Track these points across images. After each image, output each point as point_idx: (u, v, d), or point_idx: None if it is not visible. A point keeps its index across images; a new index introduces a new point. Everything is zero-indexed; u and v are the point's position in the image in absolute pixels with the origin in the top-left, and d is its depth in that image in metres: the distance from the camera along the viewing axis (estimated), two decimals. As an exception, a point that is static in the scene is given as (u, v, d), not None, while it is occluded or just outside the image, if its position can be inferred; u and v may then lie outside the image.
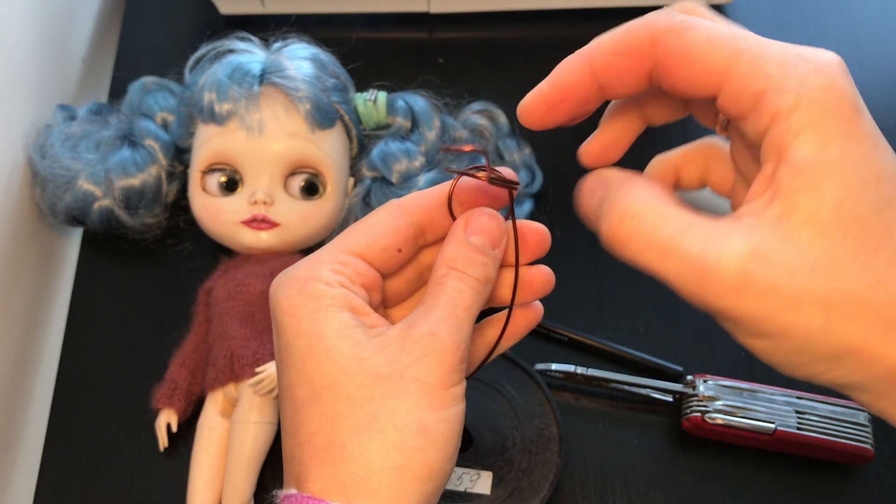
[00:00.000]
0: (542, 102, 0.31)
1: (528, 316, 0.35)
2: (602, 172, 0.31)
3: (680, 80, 0.27)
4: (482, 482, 0.44)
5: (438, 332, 0.29)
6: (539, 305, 0.35)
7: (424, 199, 0.33)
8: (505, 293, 0.34)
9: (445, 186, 0.33)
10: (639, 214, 0.27)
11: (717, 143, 0.33)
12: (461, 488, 0.44)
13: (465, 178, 0.32)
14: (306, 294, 0.30)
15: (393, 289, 0.34)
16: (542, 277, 0.34)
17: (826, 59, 0.25)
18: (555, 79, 0.30)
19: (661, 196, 0.27)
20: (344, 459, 0.28)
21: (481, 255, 0.31)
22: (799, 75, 0.24)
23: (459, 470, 0.45)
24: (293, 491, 0.28)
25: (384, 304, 0.34)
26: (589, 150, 0.34)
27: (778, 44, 0.26)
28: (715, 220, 0.26)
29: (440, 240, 0.33)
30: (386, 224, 0.32)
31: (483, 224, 0.32)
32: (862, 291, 0.24)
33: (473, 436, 0.46)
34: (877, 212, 0.24)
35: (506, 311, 0.34)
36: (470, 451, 0.45)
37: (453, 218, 0.33)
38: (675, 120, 0.34)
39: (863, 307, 0.24)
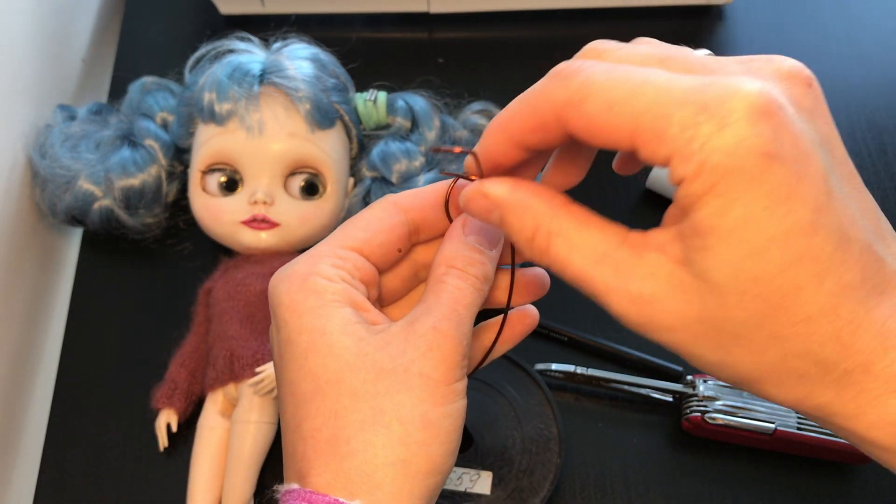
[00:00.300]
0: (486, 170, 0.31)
1: (524, 321, 0.35)
2: (488, 191, 0.29)
3: (598, 144, 0.26)
4: (482, 482, 0.44)
5: (441, 328, 0.29)
6: (534, 310, 0.35)
7: (420, 198, 0.33)
8: (501, 295, 0.34)
9: (441, 186, 0.33)
10: (551, 250, 0.29)
11: None
12: (461, 488, 0.44)
13: (460, 181, 0.32)
14: (307, 289, 0.30)
15: (388, 286, 0.34)
16: (536, 280, 0.34)
17: (736, 106, 0.23)
18: (485, 154, 0.30)
19: (575, 218, 0.28)
20: (348, 454, 0.28)
21: (479, 255, 0.32)
22: (702, 136, 0.23)
23: (459, 470, 0.45)
24: (295, 486, 0.28)
25: (380, 302, 0.34)
26: (547, 182, 0.33)
27: (683, 87, 0.24)
28: (624, 248, 0.28)
29: (435, 238, 0.34)
30: (382, 220, 0.32)
31: (480, 225, 0.32)
32: (755, 344, 0.25)
33: (473, 436, 0.46)
34: (781, 270, 0.24)
35: (501, 315, 0.34)
36: (470, 451, 0.45)
37: (450, 219, 0.33)
38: None
39: (756, 355, 0.25)
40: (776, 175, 0.23)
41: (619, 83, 0.25)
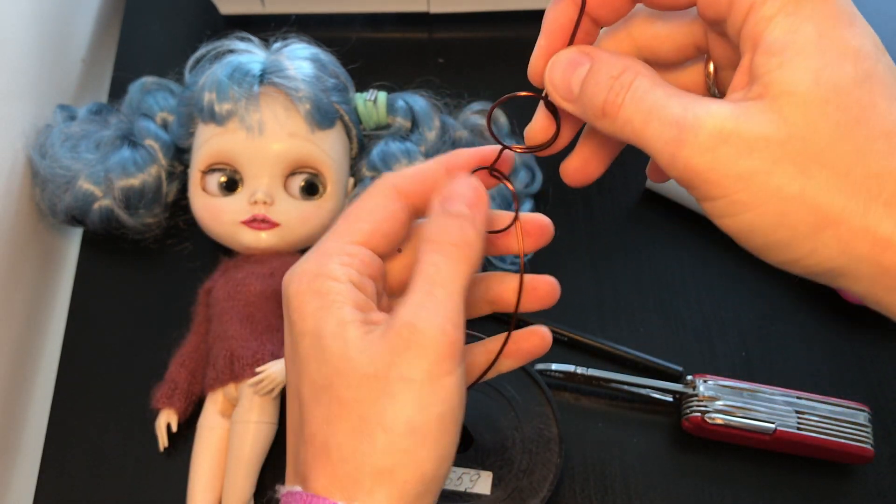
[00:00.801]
0: (543, 51, 0.31)
1: (534, 340, 0.34)
2: (582, 47, 0.29)
3: None
4: (482, 482, 0.44)
5: (416, 322, 0.27)
6: (546, 332, 0.34)
7: (420, 182, 0.32)
8: (510, 297, 0.33)
9: (437, 162, 0.32)
10: (634, 84, 0.27)
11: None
12: (461, 488, 0.44)
13: (458, 153, 0.32)
14: (313, 290, 0.29)
15: (395, 274, 0.34)
16: (546, 286, 0.34)
17: None
18: (548, 25, 0.30)
19: (650, 70, 0.28)
20: (340, 460, 0.28)
21: (456, 219, 0.29)
22: None
23: (459, 470, 0.45)
24: (298, 488, 0.28)
25: (389, 294, 0.34)
26: (568, 166, 0.34)
27: None
28: (701, 94, 0.26)
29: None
30: (385, 209, 0.31)
31: (453, 190, 0.30)
32: (840, 161, 0.24)
33: (473, 436, 0.46)
34: (858, 83, 0.25)
35: (508, 330, 0.33)
36: (470, 451, 0.45)
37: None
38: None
39: (841, 176, 0.24)
40: (841, 3, 0.25)
41: None
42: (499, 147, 0.32)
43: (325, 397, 0.28)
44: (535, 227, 0.34)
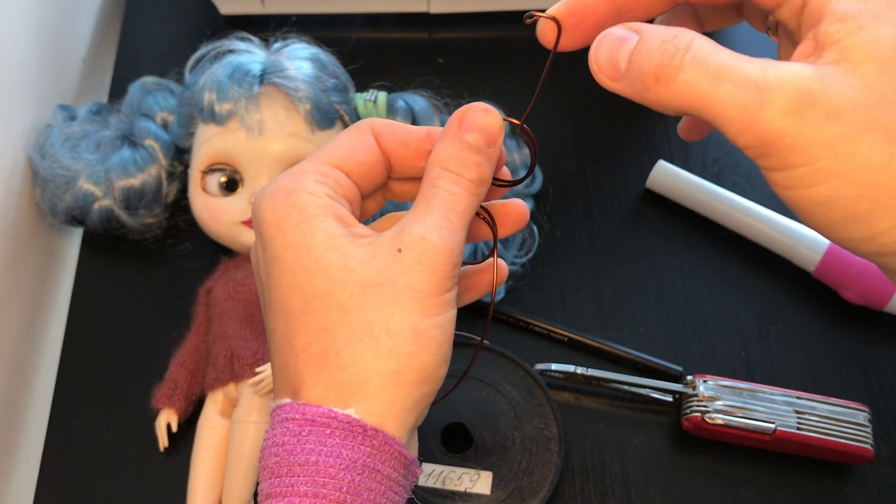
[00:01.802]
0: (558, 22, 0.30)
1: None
2: (627, 24, 0.27)
3: None
4: (482, 482, 0.44)
5: (431, 238, 0.29)
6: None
7: (396, 131, 0.32)
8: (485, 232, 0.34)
9: (421, 128, 0.32)
10: (694, 45, 0.25)
11: None
12: (461, 488, 0.44)
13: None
14: (291, 205, 0.30)
15: (368, 212, 0.34)
16: (517, 209, 0.34)
17: None
18: (571, 4, 0.29)
19: (706, 37, 0.26)
20: (339, 366, 0.28)
21: (475, 155, 0.30)
22: None
23: (459, 470, 0.45)
24: (287, 400, 0.29)
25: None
26: (682, 127, 0.34)
27: None
28: (768, 61, 0.25)
29: (408, 177, 0.33)
30: (360, 141, 0.32)
31: (478, 120, 0.31)
32: None
33: (473, 436, 0.46)
34: None
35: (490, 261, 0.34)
36: (470, 451, 0.45)
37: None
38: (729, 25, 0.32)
39: None
40: None
41: None
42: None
43: (321, 306, 0.29)
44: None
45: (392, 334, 0.28)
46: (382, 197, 0.34)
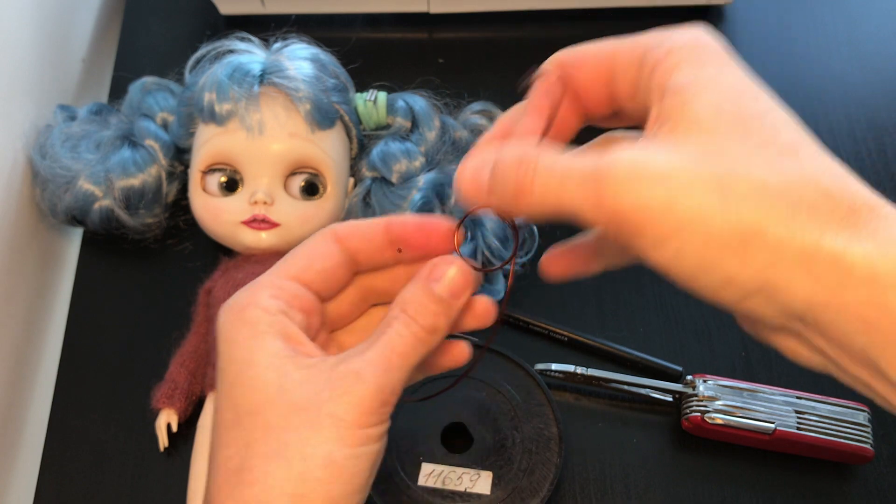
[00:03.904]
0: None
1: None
2: (479, 151, 0.31)
3: (584, 80, 0.31)
4: (482, 482, 0.44)
5: (363, 374, 0.29)
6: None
7: (358, 229, 0.33)
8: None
9: (380, 220, 0.33)
10: (540, 159, 0.28)
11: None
12: (461, 488, 0.44)
13: (404, 217, 0.33)
14: (243, 320, 0.31)
15: (337, 311, 0.35)
16: (481, 306, 0.34)
17: (691, 27, 0.29)
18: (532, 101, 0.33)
19: (551, 147, 0.29)
20: (250, 482, 0.29)
21: (435, 304, 0.31)
22: (669, 35, 0.29)
23: (459, 470, 0.45)
24: None
25: (330, 328, 0.35)
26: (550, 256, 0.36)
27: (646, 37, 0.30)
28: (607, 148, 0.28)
29: (376, 268, 0.34)
30: (321, 247, 0.33)
31: (445, 272, 0.32)
32: (756, 175, 0.25)
33: (473, 436, 0.46)
34: (759, 115, 0.26)
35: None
36: (470, 451, 0.45)
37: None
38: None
39: (759, 189, 0.25)
40: (726, 55, 0.28)
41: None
42: (452, 223, 0.33)
43: (249, 422, 0.29)
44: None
45: (305, 458, 0.28)
46: (357, 294, 0.35)
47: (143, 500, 0.47)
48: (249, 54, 0.51)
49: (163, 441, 0.47)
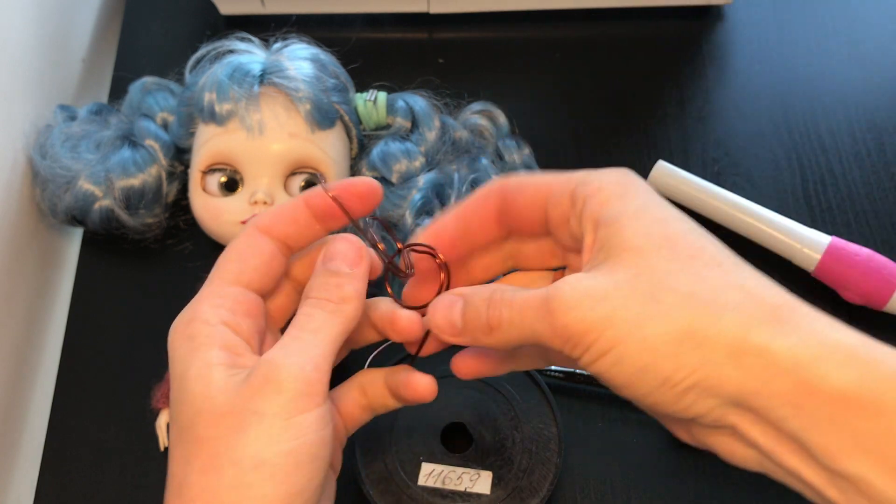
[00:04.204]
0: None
1: (414, 391, 0.36)
2: (450, 291, 0.34)
3: (519, 207, 0.34)
4: (482, 482, 0.44)
5: (275, 359, 0.29)
6: (424, 384, 0.36)
7: (278, 214, 0.34)
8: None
9: (299, 198, 0.34)
10: (504, 296, 0.31)
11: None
12: (461, 488, 0.44)
13: (316, 192, 0.34)
14: (184, 336, 0.31)
15: (277, 306, 0.35)
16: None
17: (616, 169, 0.33)
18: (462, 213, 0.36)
19: (511, 285, 0.33)
20: (189, 499, 0.28)
21: (335, 277, 0.32)
22: (598, 174, 0.32)
23: (459, 469, 0.45)
24: None
25: (275, 327, 0.35)
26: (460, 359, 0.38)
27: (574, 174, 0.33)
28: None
29: (309, 247, 0.35)
30: (251, 247, 0.33)
31: (336, 248, 0.33)
32: (684, 285, 0.28)
33: (473, 435, 0.46)
34: (683, 235, 0.30)
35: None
36: (469, 450, 0.45)
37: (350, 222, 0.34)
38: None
39: (688, 296, 0.28)
40: (649, 191, 0.32)
41: (539, 176, 0.35)
42: (370, 182, 0.35)
43: (187, 437, 0.29)
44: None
45: (235, 463, 0.28)
46: (293, 288, 0.36)
47: (143, 500, 0.47)
48: (249, 54, 0.51)
49: (163, 441, 0.47)
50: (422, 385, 0.35)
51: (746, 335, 0.27)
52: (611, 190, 0.31)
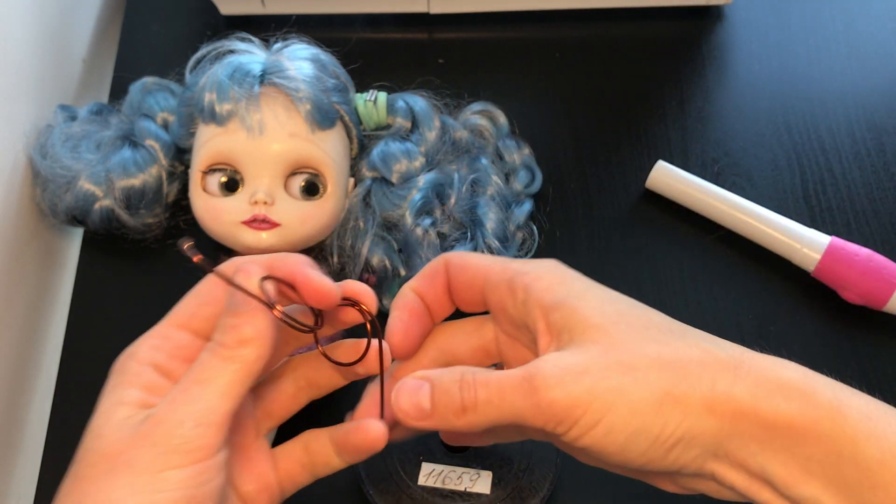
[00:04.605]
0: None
1: (361, 442, 0.34)
2: (415, 374, 0.33)
3: (461, 283, 0.36)
4: (482, 482, 0.44)
5: (157, 412, 0.28)
6: (373, 432, 0.34)
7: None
8: (324, 382, 0.36)
9: (263, 259, 0.33)
10: (477, 378, 0.31)
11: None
12: (461, 487, 0.44)
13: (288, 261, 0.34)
14: (116, 370, 0.31)
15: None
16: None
17: (546, 260, 0.35)
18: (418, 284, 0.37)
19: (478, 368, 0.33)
20: None
21: (234, 317, 0.30)
22: (532, 265, 0.35)
23: (459, 469, 0.45)
24: None
25: None
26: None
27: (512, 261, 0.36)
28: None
29: None
30: (209, 293, 0.33)
31: (238, 280, 0.30)
32: (649, 350, 0.31)
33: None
34: (632, 308, 0.33)
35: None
36: (470, 450, 0.45)
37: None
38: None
39: (655, 359, 0.30)
40: (582, 276, 0.35)
41: (482, 258, 0.37)
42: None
43: (72, 470, 0.29)
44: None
45: None
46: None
47: (144, 499, 0.47)
48: (250, 54, 0.51)
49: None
50: (372, 431, 0.34)
51: (713, 386, 0.29)
52: (550, 278, 0.33)
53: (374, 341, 0.34)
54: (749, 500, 0.31)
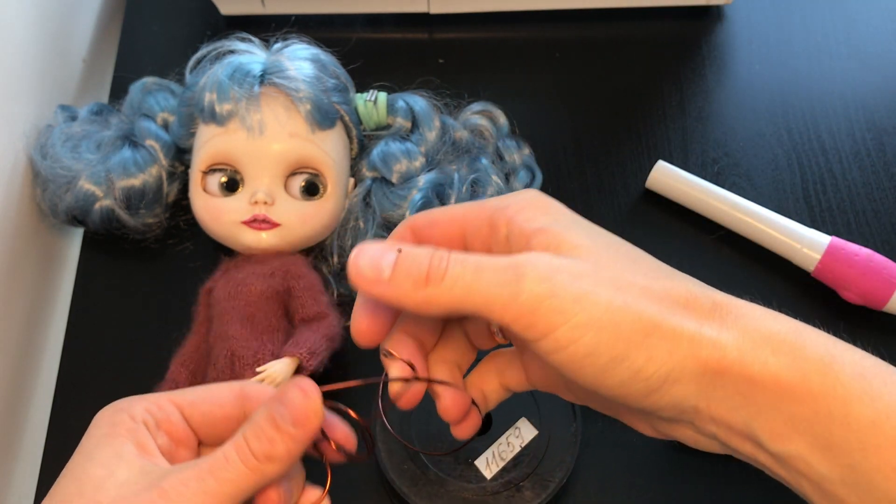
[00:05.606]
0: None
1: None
2: (382, 243, 0.31)
3: (437, 239, 0.33)
4: (525, 429, 0.45)
5: (170, 493, 0.28)
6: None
7: (260, 395, 0.32)
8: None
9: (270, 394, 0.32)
10: (453, 252, 0.29)
11: (501, 353, 0.37)
12: (518, 447, 0.44)
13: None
14: (108, 420, 0.30)
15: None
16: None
17: (528, 189, 0.34)
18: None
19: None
20: None
21: (273, 430, 0.29)
22: (512, 197, 0.33)
23: (502, 438, 0.44)
24: None
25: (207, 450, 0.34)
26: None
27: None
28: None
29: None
30: (220, 396, 0.32)
31: (290, 398, 0.29)
32: (638, 280, 0.29)
33: (493, 418, 0.45)
34: (622, 243, 0.31)
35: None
36: (494, 425, 0.45)
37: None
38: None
39: (646, 291, 0.28)
40: (567, 208, 0.33)
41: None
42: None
43: None
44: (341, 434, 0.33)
45: None
46: None
47: (144, 499, 0.47)
48: (250, 55, 0.51)
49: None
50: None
51: (700, 330, 0.28)
52: (534, 207, 0.32)
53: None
54: (729, 452, 0.30)
